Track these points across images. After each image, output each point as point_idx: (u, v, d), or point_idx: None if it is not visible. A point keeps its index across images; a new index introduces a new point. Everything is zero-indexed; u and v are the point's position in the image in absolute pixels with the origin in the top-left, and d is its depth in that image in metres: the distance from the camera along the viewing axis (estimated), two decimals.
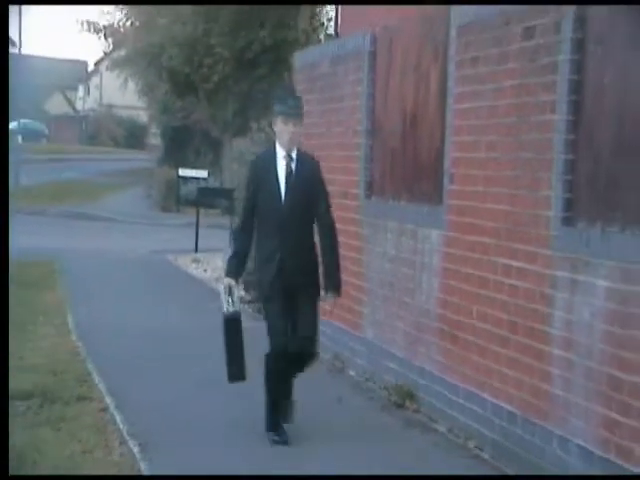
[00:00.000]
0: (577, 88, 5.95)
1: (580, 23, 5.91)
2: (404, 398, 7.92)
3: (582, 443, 5.74)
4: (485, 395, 6.82)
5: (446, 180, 7.49)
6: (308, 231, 6.77)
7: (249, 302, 12.45)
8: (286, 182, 6.63)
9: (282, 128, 6.64)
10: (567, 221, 6.00)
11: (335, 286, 6.80)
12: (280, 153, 6.67)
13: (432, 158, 7.80)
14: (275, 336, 6.65)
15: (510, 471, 6.37)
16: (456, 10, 7.45)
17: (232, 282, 6.75)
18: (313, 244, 6.80)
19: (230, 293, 6.68)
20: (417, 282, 7.97)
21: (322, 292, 6.83)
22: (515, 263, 6.49)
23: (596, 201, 5.78)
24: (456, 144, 7.37)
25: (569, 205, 6.00)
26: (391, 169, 8.68)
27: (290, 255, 6.60)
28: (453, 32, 7.42)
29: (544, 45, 6.22)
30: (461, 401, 7.16)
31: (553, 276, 6.08)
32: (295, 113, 6.66)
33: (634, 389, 5.30)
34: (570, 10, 5.94)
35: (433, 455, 6.77)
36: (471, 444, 6.91)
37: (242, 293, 12.75)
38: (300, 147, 6.83)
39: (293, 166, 6.63)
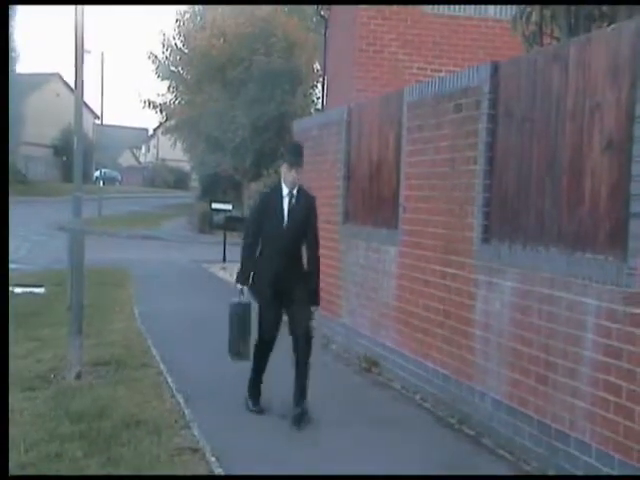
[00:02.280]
0: (491, 147, 5.96)
1: (494, 102, 5.94)
2: (371, 365, 7.89)
3: (495, 396, 5.73)
4: (428, 363, 6.80)
5: (400, 211, 7.49)
6: (300, 250, 6.24)
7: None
8: (288, 212, 6.11)
9: (287, 173, 6.15)
10: (485, 240, 6.00)
11: (316, 301, 6.19)
12: (285, 190, 6.15)
13: (390, 195, 7.80)
14: (264, 326, 6.17)
15: (442, 414, 6.34)
16: (407, 91, 7.47)
17: (243, 288, 6.23)
18: (302, 260, 6.25)
19: (241, 292, 6.21)
20: (379, 283, 7.96)
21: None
22: (449, 270, 6.49)
23: (505, 226, 5.79)
24: (407, 185, 7.37)
25: (486, 229, 6.01)
26: (361, 203, 8.68)
27: (285, 267, 6.08)
28: (405, 107, 7.44)
29: (468, 117, 6.23)
30: (411, 367, 7.14)
31: (475, 279, 6.07)
32: (297, 163, 6.15)
33: (531, 358, 5.30)
34: (486, 94, 5.96)
35: (391, 404, 6.75)
36: (417, 397, 6.88)
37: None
38: (300, 186, 6.26)
39: (294, 201, 6.14)
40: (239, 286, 6.21)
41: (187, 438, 5.57)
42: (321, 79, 21.56)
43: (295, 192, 6.17)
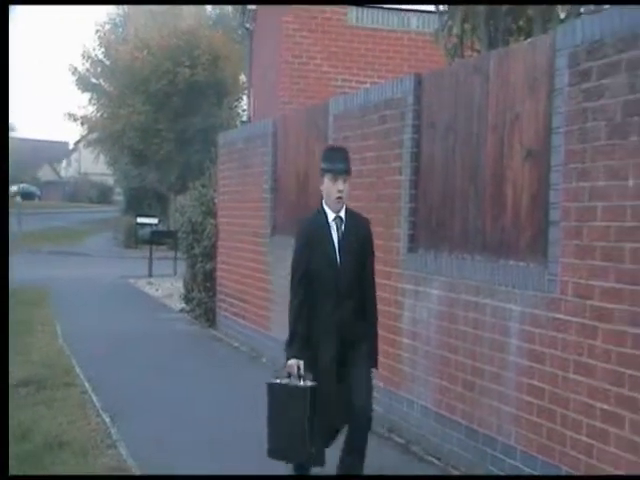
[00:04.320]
0: (416, 158, 6.08)
1: (418, 113, 6.06)
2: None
3: (423, 403, 5.82)
4: None
5: None
6: (359, 295, 4.59)
7: (188, 312, 12.31)
8: (339, 244, 4.52)
9: (330, 187, 4.54)
10: (411, 249, 6.10)
11: (375, 361, 4.67)
12: (330, 215, 4.56)
13: (317, 207, 7.83)
14: (327, 412, 4.41)
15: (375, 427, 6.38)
16: (332, 103, 7.55)
17: (299, 362, 4.38)
18: (364, 306, 4.63)
19: (299, 371, 4.36)
20: None
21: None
22: (376, 279, 6.55)
23: (431, 235, 5.90)
24: None
25: (412, 238, 6.11)
26: (289, 215, 8.72)
27: (348, 319, 4.49)
28: (330, 119, 7.52)
29: (393, 128, 6.34)
30: None
31: (403, 288, 6.16)
32: (343, 169, 4.54)
33: (458, 364, 5.41)
34: (410, 105, 6.08)
35: None
36: None
37: (183, 305, 12.63)
38: (347, 205, 4.66)
39: (344, 227, 4.55)
40: (293, 362, 4.37)
41: (114, 458, 5.48)
42: (247, 91, 21.57)
43: (343, 215, 4.58)
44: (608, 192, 4.12)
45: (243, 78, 26.82)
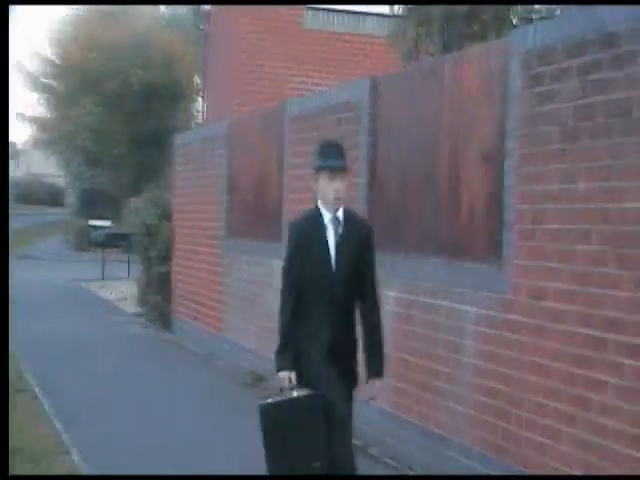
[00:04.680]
0: (372, 160, 6.12)
1: (374, 116, 6.10)
2: (257, 380, 7.89)
3: (380, 405, 5.85)
4: None
5: (284, 224, 7.56)
6: (353, 307, 4.17)
7: (143, 315, 12.20)
8: (336, 248, 4.07)
9: (326, 186, 4.05)
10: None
11: (380, 371, 4.20)
12: (326, 215, 4.09)
13: (274, 209, 7.85)
14: (337, 409, 3.99)
15: None
16: (289, 105, 7.57)
17: (291, 374, 4.02)
18: (354, 319, 4.19)
19: (290, 383, 4.00)
20: (264, 297, 7.98)
21: (364, 378, 4.24)
22: None
23: (387, 238, 5.94)
24: (290, 199, 7.45)
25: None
26: (245, 217, 8.70)
27: (340, 330, 4.07)
28: (287, 121, 7.53)
29: (349, 130, 6.38)
30: None
31: None
32: (341, 166, 4.08)
33: (415, 366, 5.45)
34: (366, 108, 6.12)
35: None
36: None
37: (138, 309, 12.51)
38: (347, 206, 4.20)
39: (342, 230, 4.08)
40: (284, 374, 4.02)
41: (67, 464, 5.41)
42: (202, 93, 21.46)
43: (341, 216, 4.12)
44: (560, 195, 4.20)
45: (198, 80, 26.70)
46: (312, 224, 4.12)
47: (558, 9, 5.74)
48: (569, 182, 4.15)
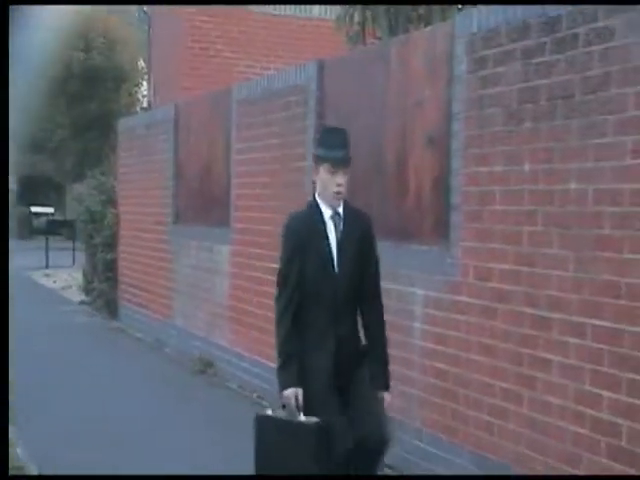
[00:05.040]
0: None
1: (321, 100, 6.10)
2: (206, 366, 7.87)
3: None
4: (264, 360, 6.86)
5: (232, 210, 7.53)
6: (356, 309, 3.80)
7: (89, 303, 12.04)
8: (338, 246, 3.70)
9: (327, 179, 3.68)
10: None
11: (387, 383, 3.79)
12: (326, 211, 3.72)
13: (222, 194, 7.81)
14: (337, 444, 3.54)
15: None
16: (236, 89, 7.52)
17: (298, 391, 3.57)
18: (358, 322, 3.83)
19: (297, 402, 3.56)
20: (213, 283, 7.95)
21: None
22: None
23: None
24: (238, 184, 7.42)
25: None
26: (192, 203, 8.64)
27: (345, 336, 3.70)
28: (234, 105, 7.48)
29: (297, 114, 6.37)
30: (247, 365, 7.19)
31: None
32: (344, 159, 3.70)
33: None
34: (313, 91, 6.12)
35: (227, 404, 6.76)
36: (255, 395, 6.93)
37: (83, 297, 12.34)
38: (347, 200, 3.82)
39: (343, 226, 3.72)
40: (290, 392, 3.57)
41: (12, 458, 5.32)
42: (146, 77, 21.17)
43: (342, 211, 3.76)
44: (506, 177, 4.27)
45: (142, 63, 26.32)
46: (311, 222, 3.71)
47: None
48: (514, 164, 4.22)
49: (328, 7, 12.84)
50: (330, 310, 3.65)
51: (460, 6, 6.84)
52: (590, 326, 3.72)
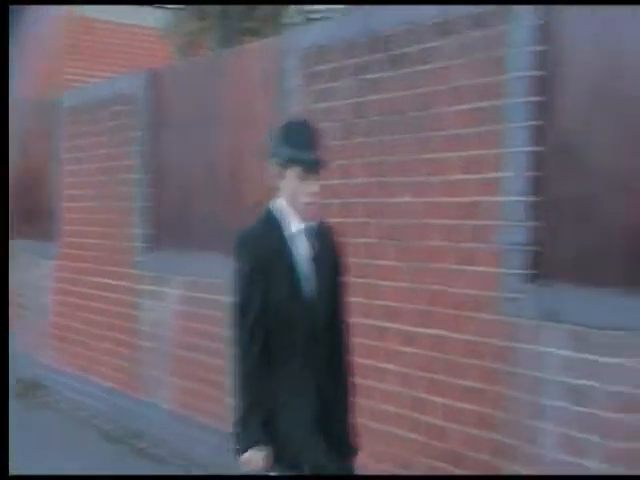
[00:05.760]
0: (152, 155, 5.95)
1: (152, 110, 5.94)
2: (30, 388, 7.43)
3: (166, 406, 5.73)
4: (92, 378, 6.59)
5: (57, 223, 7.20)
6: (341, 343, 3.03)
7: None
8: (313, 269, 2.92)
9: (296, 186, 2.90)
10: (148, 250, 5.98)
11: (356, 444, 3.01)
12: (293, 225, 2.92)
13: (47, 206, 7.45)
14: None
15: (110, 429, 6.16)
16: (64, 97, 7.25)
17: (263, 454, 2.78)
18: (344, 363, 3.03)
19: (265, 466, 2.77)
20: (36, 299, 7.57)
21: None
22: (111, 281, 6.35)
23: (169, 234, 5.83)
24: (66, 196, 7.10)
25: (149, 238, 5.99)
26: (21, 215, 8.16)
27: (329, 386, 2.93)
28: (61, 113, 7.20)
29: (126, 124, 6.19)
30: (73, 384, 6.88)
31: (140, 289, 6.02)
32: (319, 161, 2.92)
33: (201, 364, 5.36)
34: (143, 101, 5.95)
35: (53, 425, 6.43)
36: (83, 414, 6.62)
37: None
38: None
39: (316, 244, 2.94)
40: (254, 455, 2.78)
41: None
42: None
43: (313, 224, 2.97)
44: (341, 190, 4.32)
45: None
46: (272, 239, 2.90)
47: (336, 11, 5.94)
48: (348, 177, 4.28)
49: (162, 16, 12.59)
50: (307, 348, 2.86)
51: (293, 21, 6.91)
52: (423, 335, 3.82)
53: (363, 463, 4.06)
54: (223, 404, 5.18)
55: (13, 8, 12.10)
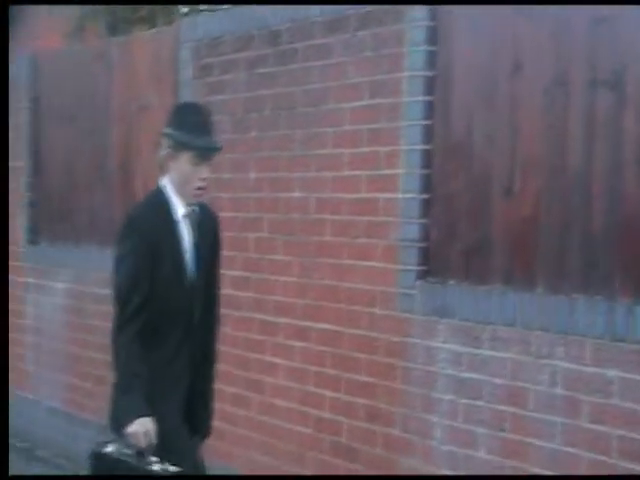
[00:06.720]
0: (35, 144, 5.71)
1: (34, 97, 5.69)
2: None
3: (50, 404, 5.53)
4: None
5: None
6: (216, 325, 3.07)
7: None
8: (194, 253, 2.91)
9: (189, 171, 2.83)
10: (32, 242, 5.77)
11: (210, 429, 3.10)
12: (180, 207, 2.88)
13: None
14: None
15: None
16: None
17: (148, 425, 2.68)
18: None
19: (150, 443, 2.66)
20: None
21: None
22: None
23: (54, 227, 5.63)
24: None
25: (33, 230, 5.76)
26: None
27: (200, 370, 2.96)
28: None
29: (10, 110, 5.91)
30: None
31: (25, 282, 5.80)
32: (215, 149, 2.91)
33: (89, 360, 5.20)
34: (26, 88, 5.70)
35: None
36: None
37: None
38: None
39: (199, 227, 2.93)
40: (138, 427, 2.67)
41: None
42: None
43: (198, 208, 2.95)
44: (233, 184, 4.25)
45: None
46: (162, 220, 2.86)
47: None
48: (240, 172, 4.21)
49: None
50: (184, 330, 2.86)
51: (185, 10, 6.73)
52: (314, 329, 3.80)
53: (252, 456, 4.04)
54: (106, 400, 5.04)
55: None
